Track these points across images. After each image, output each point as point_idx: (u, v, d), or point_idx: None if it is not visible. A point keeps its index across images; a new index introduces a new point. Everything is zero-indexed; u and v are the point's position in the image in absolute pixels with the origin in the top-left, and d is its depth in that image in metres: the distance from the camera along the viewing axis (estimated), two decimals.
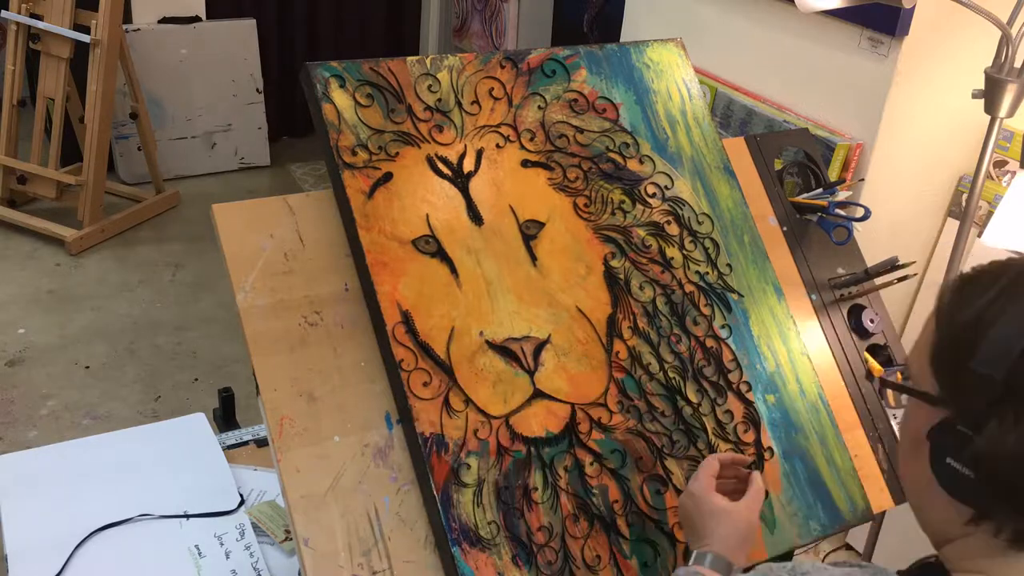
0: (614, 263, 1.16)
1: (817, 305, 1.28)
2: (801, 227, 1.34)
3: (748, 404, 1.16)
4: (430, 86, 1.14)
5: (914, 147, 1.93)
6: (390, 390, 1.02)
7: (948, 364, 0.72)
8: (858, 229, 1.34)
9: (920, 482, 0.76)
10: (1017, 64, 1.52)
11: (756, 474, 1.02)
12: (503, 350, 1.06)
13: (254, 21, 4.29)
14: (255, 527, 1.31)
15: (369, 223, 1.05)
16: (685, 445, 1.10)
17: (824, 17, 1.89)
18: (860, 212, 1.34)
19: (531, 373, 1.06)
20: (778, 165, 1.38)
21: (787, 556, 1.16)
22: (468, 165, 1.13)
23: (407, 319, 1.03)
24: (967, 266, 0.81)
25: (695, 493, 0.98)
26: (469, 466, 1.00)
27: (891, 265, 1.30)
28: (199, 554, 1.26)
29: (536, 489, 1.02)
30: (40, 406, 2.75)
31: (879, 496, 1.19)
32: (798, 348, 1.23)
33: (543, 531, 1.01)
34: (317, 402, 1.00)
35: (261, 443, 1.50)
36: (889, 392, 1.04)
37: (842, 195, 1.38)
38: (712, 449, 1.11)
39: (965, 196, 1.90)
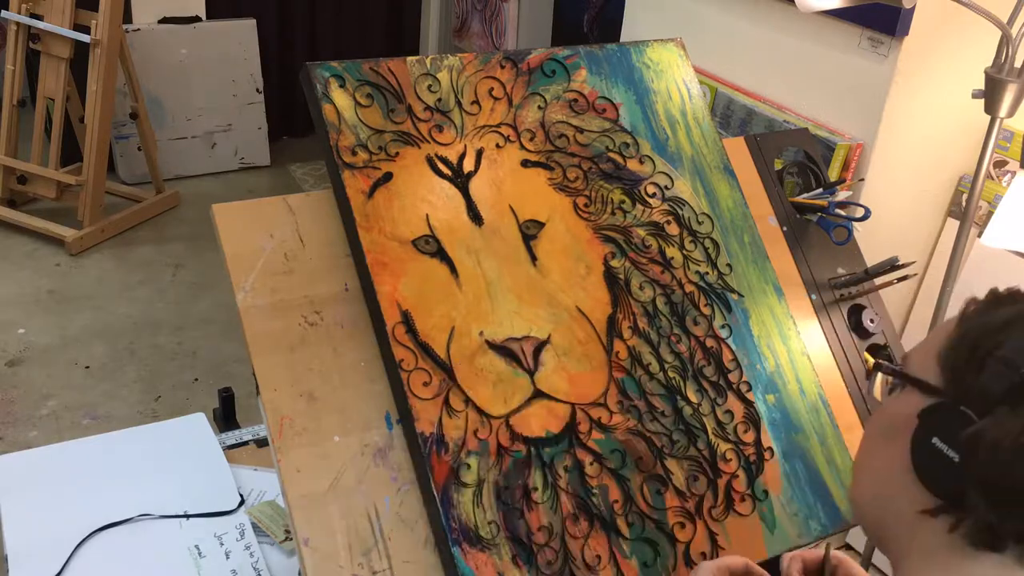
0: (614, 263, 1.16)
1: (817, 305, 1.28)
2: (801, 227, 1.34)
3: (748, 404, 1.16)
4: (430, 86, 1.14)
5: (914, 147, 1.93)
6: (390, 390, 1.02)
7: (964, 356, 0.70)
8: (858, 229, 1.34)
9: (885, 469, 0.74)
10: (1017, 64, 1.52)
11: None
12: (503, 350, 1.06)
13: (254, 21, 4.29)
14: (255, 527, 1.31)
15: (369, 223, 1.05)
16: (685, 445, 1.10)
17: (824, 17, 1.89)
18: (860, 212, 1.34)
19: (531, 373, 1.06)
20: (778, 165, 1.38)
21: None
22: (468, 165, 1.13)
23: (407, 319, 1.03)
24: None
25: (701, 568, 0.96)
26: (469, 466, 1.00)
27: (891, 265, 1.30)
28: (199, 554, 1.26)
29: (536, 489, 1.02)
30: (40, 406, 2.75)
31: None
32: (798, 348, 1.23)
33: (543, 531, 1.01)
34: (317, 402, 1.00)
35: (261, 443, 1.50)
36: (878, 382, 0.98)
37: (842, 195, 1.39)
38: (712, 449, 1.11)
39: (965, 196, 1.90)
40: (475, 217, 1.11)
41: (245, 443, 1.51)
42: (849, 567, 0.98)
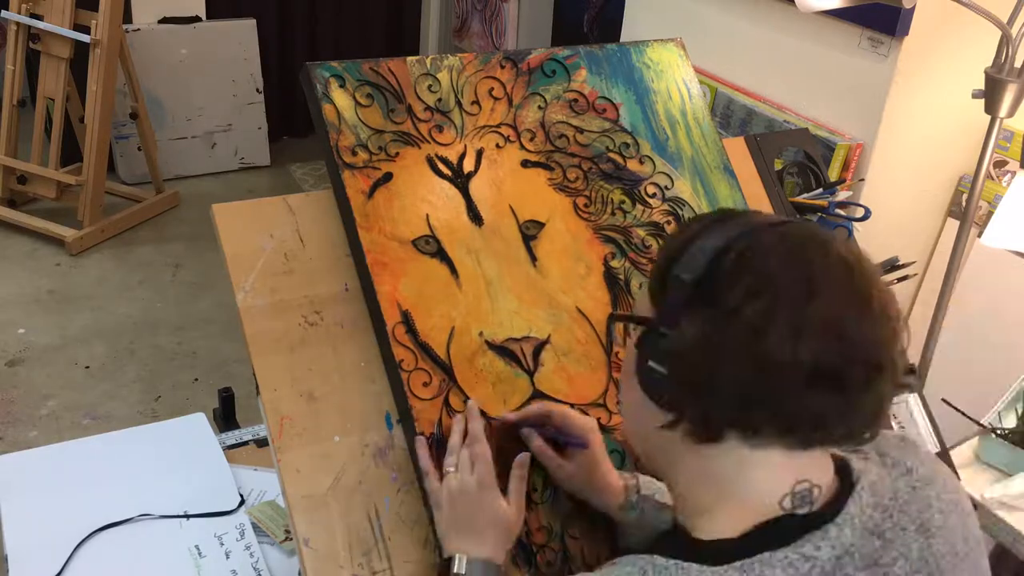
0: (614, 263, 1.16)
1: None
2: None
3: None
4: (430, 86, 1.14)
5: (914, 147, 1.93)
6: (390, 390, 1.02)
7: (658, 280, 0.79)
8: (858, 229, 1.34)
9: (632, 403, 0.81)
10: (1017, 64, 1.52)
11: (523, 457, 0.97)
12: (503, 350, 1.06)
13: (254, 21, 4.29)
14: (255, 527, 1.31)
15: (369, 223, 1.05)
16: None
17: (824, 17, 1.89)
18: (860, 212, 1.34)
19: (531, 373, 1.06)
20: (778, 165, 1.38)
21: None
22: (468, 165, 1.13)
23: (407, 319, 1.03)
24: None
25: (472, 486, 0.94)
26: None
27: (891, 265, 1.30)
28: (199, 554, 1.26)
29: (536, 489, 1.02)
30: (40, 406, 2.75)
31: None
32: None
33: (543, 531, 1.01)
34: (317, 402, 1.00)
35: (261, 443, 1.50)
36: (618, 329, 1.12)
37: (842, 195, 1.39)
38: None
39: (965, 196, 1.90)
40: (475, 217, 1.11)
41: (245, 443, 1.51)
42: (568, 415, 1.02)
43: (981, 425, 1.56)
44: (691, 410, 0.76)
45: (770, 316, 0.71)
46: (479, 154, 1.13)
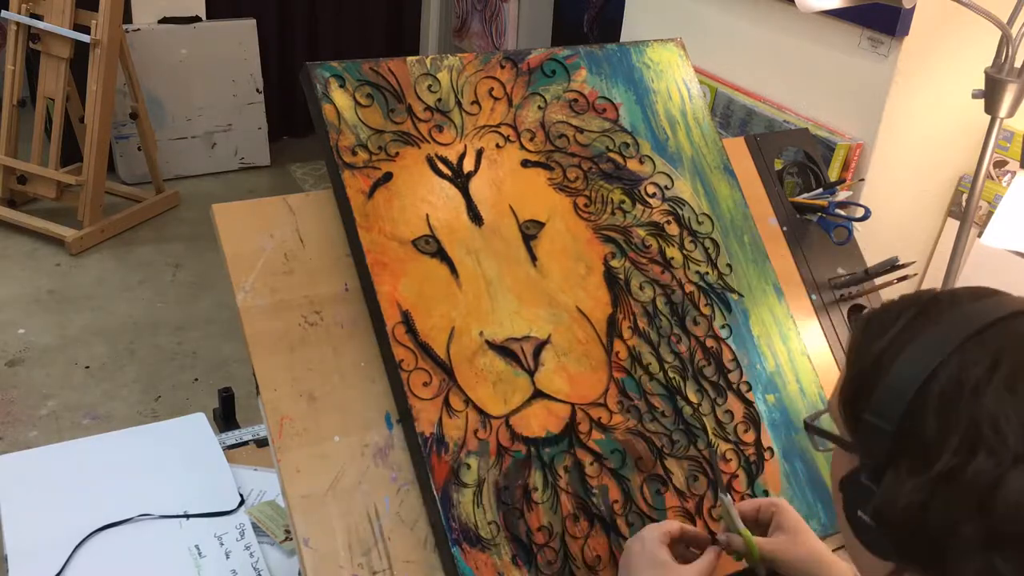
0: (614, 263, 1.16)
1: (817, 305, 1.28)
2: (801, 227, 1.34)
3: (748, 404, 1.16)
4: (430, 86, 1.14)
5: (914, 147, 1.93)
6: (390, 390, 1.02)
7: (851, 410, 0.68)
8: (858, 229, 1.34)
9: (846, 530, 0.71)
10: (1017, 64, 1.52)
11: (713, 549, 0.96)
12: (503, 350, 1.06)
13: (254, 21, 4.29)
14: (255, 527, 1.31)
15: (369, 223, 1.05)
16: (685, 445, 1.10)
17: (824, 17, 1.89)
18: (860, 212, 1.34)
19: (531, 373, 1.06)
20: (778, 165, 1.38)
21: None
22: (468, 165, 1.13)
23: (407, 319, 1.03)
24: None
25: (645, 538, 0.95)
26: (469, 466, 1.00)
27: (891, 265, 1.30)
28: (199, 554, 1.26)
29: (536, 489, 1.02)
30: (40, 406, 2.75)
31: None
32: (798, 348, 1.23)
33: (543, 531, 1.01)
34: (317, 402, 1.00)
35: (261, 443, 1.50)
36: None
37: (842, 195, 1.39)
38: (712, 449, 1.11)
39: (965, 196, 1.90)
40: (475, 217, 1.11)
41: (245, 443, 1.51)
42: (784, 511, 0.99)
43: None
44: (916, 571, 0.65)
45: (999, 473, 0.58)
46: (479, 154, 1.13)
